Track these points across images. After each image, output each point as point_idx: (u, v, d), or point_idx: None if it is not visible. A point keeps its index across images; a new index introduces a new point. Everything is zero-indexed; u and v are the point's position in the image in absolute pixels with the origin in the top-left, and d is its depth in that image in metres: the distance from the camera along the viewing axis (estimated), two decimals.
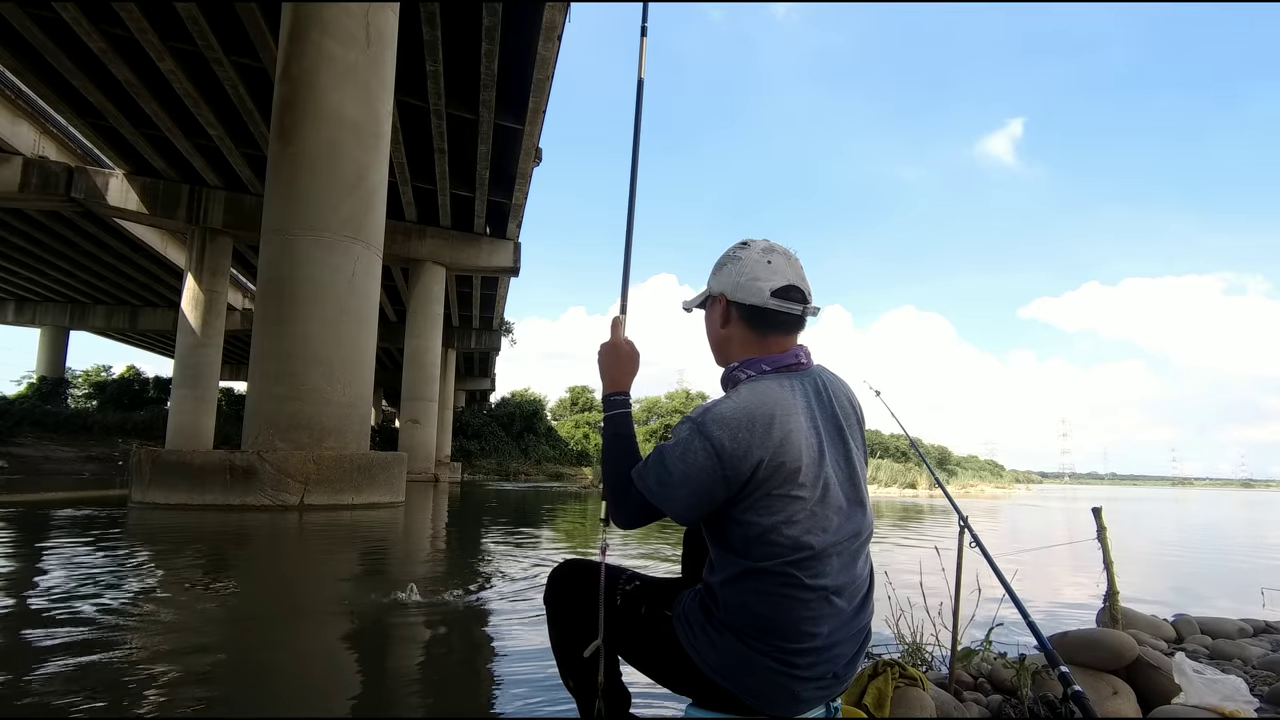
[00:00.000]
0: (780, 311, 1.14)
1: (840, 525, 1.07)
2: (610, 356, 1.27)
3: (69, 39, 11.38)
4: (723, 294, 1.18)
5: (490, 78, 11.92)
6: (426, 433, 19.03)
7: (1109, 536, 2.28)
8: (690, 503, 1.05)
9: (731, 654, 1.06)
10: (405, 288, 20.40)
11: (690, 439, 1.04)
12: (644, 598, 1.23)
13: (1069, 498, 30.55)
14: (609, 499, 1.15)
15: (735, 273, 1.16)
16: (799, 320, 1.17)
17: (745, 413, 1.03)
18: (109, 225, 18.21)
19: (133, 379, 31.51)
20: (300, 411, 7.38)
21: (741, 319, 1.17)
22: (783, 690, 1.04)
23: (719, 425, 1.02)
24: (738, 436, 1.01)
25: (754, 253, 1.17)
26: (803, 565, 1.03)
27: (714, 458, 1.01)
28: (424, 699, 1.80)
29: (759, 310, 1.14)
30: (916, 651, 2.06)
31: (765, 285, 1.13)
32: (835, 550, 1.06)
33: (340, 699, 1.77)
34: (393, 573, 3.97)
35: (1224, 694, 1.63)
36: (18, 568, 3.65)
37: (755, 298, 1.14)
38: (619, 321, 1.32)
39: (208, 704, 1.71)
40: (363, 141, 8.02)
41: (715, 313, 1.21)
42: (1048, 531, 9.62)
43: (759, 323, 1.15)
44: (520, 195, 16.57)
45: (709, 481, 1.02)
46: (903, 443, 44.69)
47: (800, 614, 1.03)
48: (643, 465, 1.11)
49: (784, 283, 1.14)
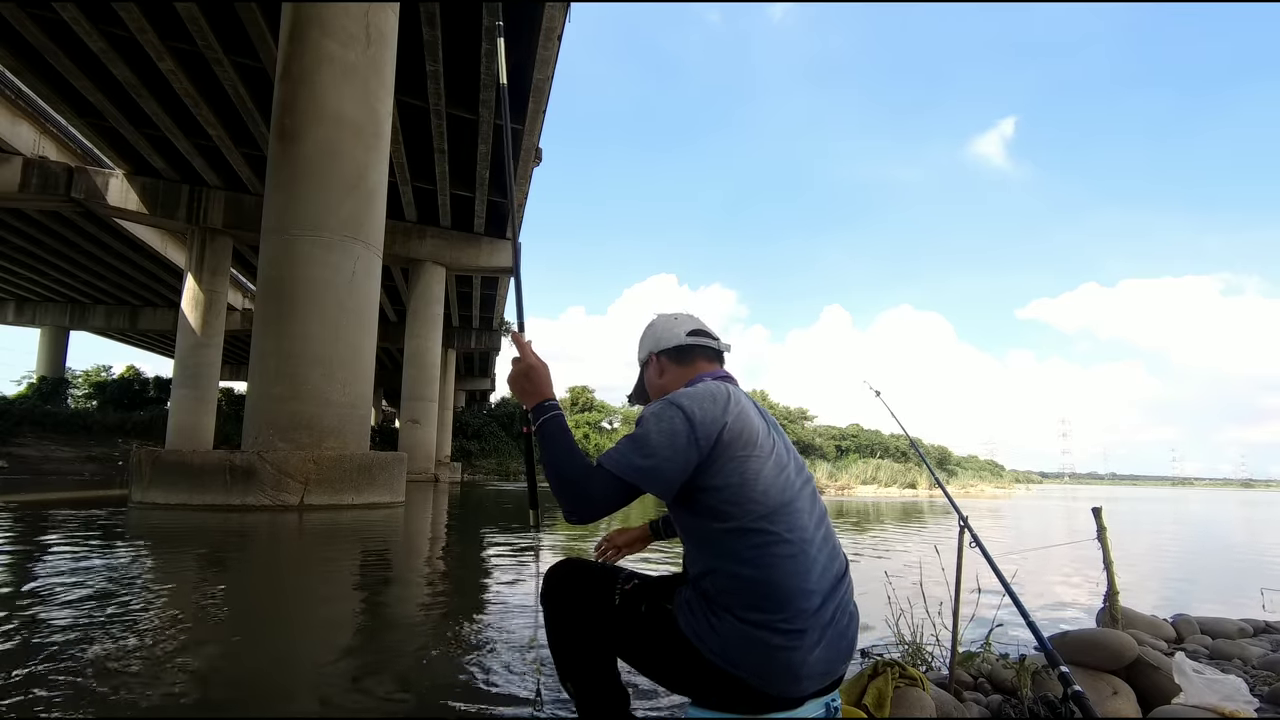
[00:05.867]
0: (697, 345, 1.43)
1: (801, 486, 1.23)
2: (526, 374, 1.33)
3: (69, 39, 11.38)
4: (651, 352, 1.46)
5: (490, 78, 11.93)
6: (426, 433, 19.03)
7: (1109, 536, 2.28)
8: (671, 468, 1.15)
9: (732, 634, 1.10)
10: (405, 288, 20.41)
11: (664, 409, 1.20)
12: (643, 596, 1.24)
13: (1069, 498, 30.55)
14: (565, 493, 1.17)
15: (654, 335, 1.47)
16: (717, 353, 1.45)
17: (706, 391, 1.24)
18: (109, 225, 18.21)
19: (133, 379, 31.49)
20: (300, 411, 7.38)
21: (670, 360, 1.43)
22: (784, 668, 1.09)
23: (687, 398, 1.22)
24: (704, 405, 1.20)
25: (661, 319, 1.49)
26: (776, 518, 1.15)
27: (687, 423, 1.17)
28: (423, 699, 1.80)
29: (681, 348, 1.43)
30: (916, 651, 2.06)
31: (679, 330, 1.44)
32: (800, 501, 1.20)
33: (338, 699, 1.77)
34: (394, 574, 3.97)
35: (1224, 694, 1.63)
36: (17, 568, 3.65)
37: (675, 340, 1.43)
38: (525, 341, 1.39)
39: (207, 704, 1.71)
40: (363, 141, 8.02)
41: (652, 371, 1.47)
42: (1048, 531, 9.62)
43: (685, 358, 1.43)
44: (520, 195, 16.58)
45: (685, 446, 1.16)
46: (903, 443, 44.70)
47: (788, 568, 1.12)
48: (614, 451, 1.18)
49: (692, 327, 1.45)
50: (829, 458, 43.23)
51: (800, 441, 46.66)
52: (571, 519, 1.17)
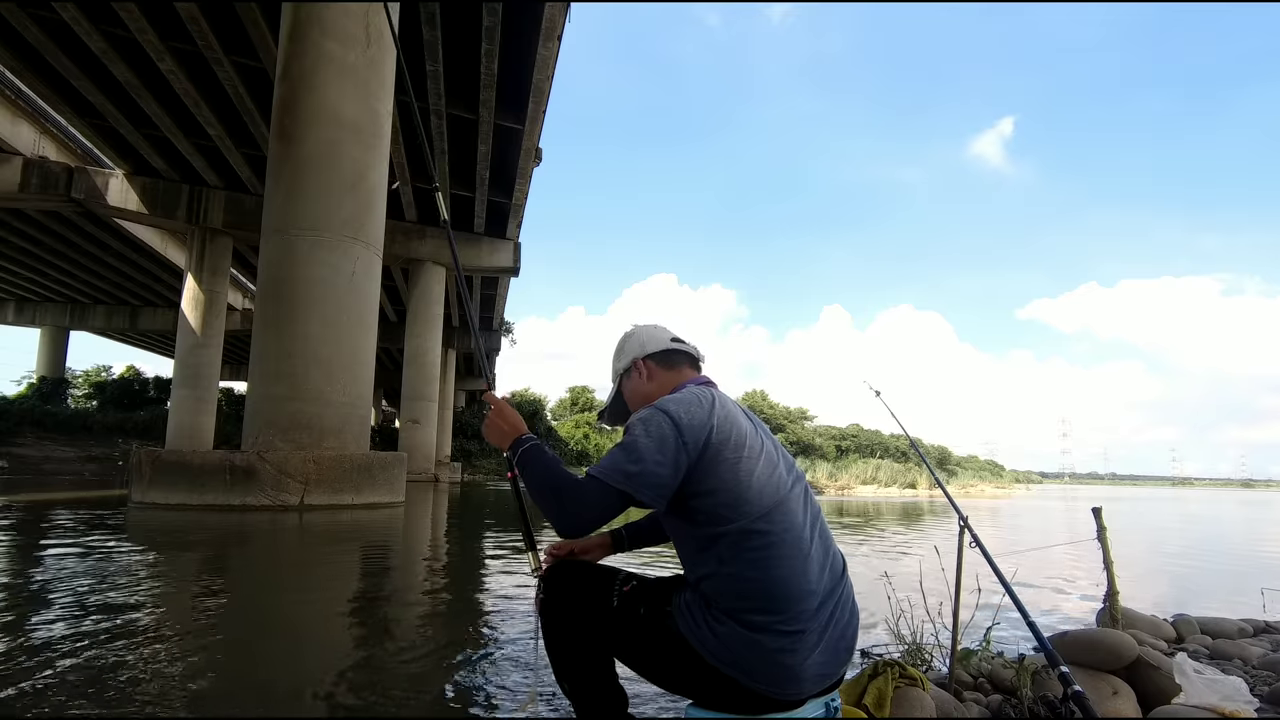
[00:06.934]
0: (681, 350, 1.46)
1: (793, 484, 1.23)
2: (500, 412, 1.37)
3: (69, 39, 11.39)
4: (634, 358, 1.46)
5: (490, 78, 11.92)
6: (426, 433, 19.02)
7: (1109, 536, 2.28)
8: (662, 473, 1.14)
9: (732, 638, 1.11)
10: (405, 288, 20.40)
11: (651, 415, 1.20)
12: (642, 598, 1.24)
13: (1069, 498, 30.55)
14: (552, 504, 1.15)
15: (639, 342, 1.48)
16: (696, 361, 1.47)
17: (692, 396, 1.25)
18: (109, 225, 18.22)
19: (133, 379, 31.48)
20: (300, 411, 7.38)
21: (657, 365, 1.45)
22: (784, 670, 1.09)
23: (674, 404, 1.22)
24: (691, 410, 1.20)
25: (642, 328, 1.51)
26: (771, 518, 1.15)
27: (674, 429, 1.17)
28: (423, 699, 1.80)
29: (667, 352, 1.45)
30: (916, 651, 2.06)
31: (663, 336, 1.47)
32: (794, 501, 1.20)
33: (339, 700, 1.77)
34: (394, 574, 3.97)
35: (1224, 694, 1.63)
36: (17, 568, 3.65)
37: (661, 345, 1.46)
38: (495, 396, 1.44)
39: (207, 704, 1.71)
40: (363, 141, 8.02)
41: (635, 379, 1.46)
42: (1048, 531, 9.62)
43: (670, 362, 1.45)
44: (520, 195, 16.57)
45: (674, 450, 1.15)
46: (903, 443, 44.70)
47: (787, 569, 1.12)
48: (603, 464, 1.16)
49: (672, 334, 1.48)
50: (829, 458, 43.22)
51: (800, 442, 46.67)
52: (564, 532, 1.15)
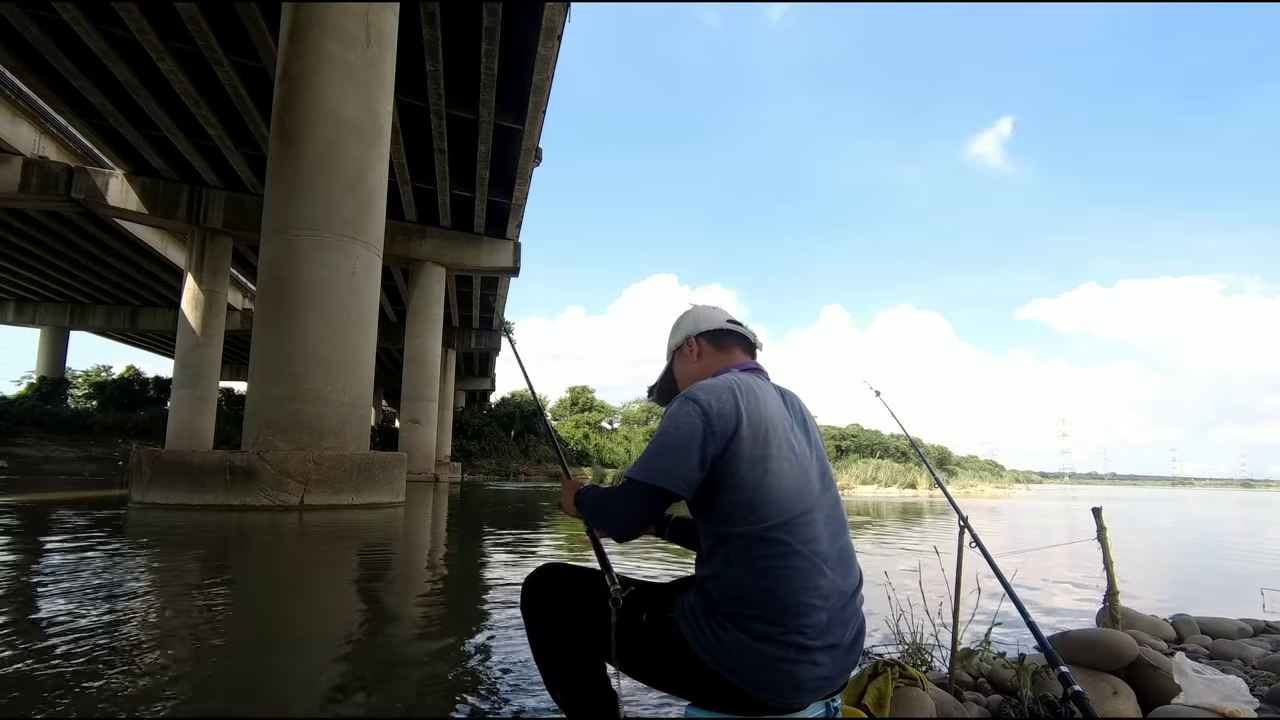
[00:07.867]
0: (736, 331, 1.44)
1: (821, 492, 1.20)
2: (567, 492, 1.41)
3: (69, 39, 11.38)
4: (688, 335, 1.45)
5: (490, 78, 11.92)
6: (426, 433, 19.02)
7: (1109, 536, 2.28)
8: (689, 464, 1.13)
9: (736, 645, 1.09)
10: (405, 288, 20.39)
11: (680, 406, 1.19)
12: (643, 604, 1.22)
13: (1069, 498, 30.55)
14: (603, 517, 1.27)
15: (694, 319, 1.47)
16: (751, 344, 1.45)
17: (724, 384, 1.22)
18: (109, 225, 18.21)
19: (133, 379, 31.52)
20: (300, 411, 7.38)
21: (709, 344, 1.43)
22: (786, 679, 1.08)
23: (703, 391, 1.20)
24: (721, 398, 1.18)
25: (699, 307, 1.50)
26: (791, 529, 1.12)
27: (703, 417, 1.15)
28: (423, 699, 1.80)
29: (721, 331, 1.44)
30: (916, 651, 2.06)
31: (719, 316, 1.46)
32: (818, 512, 1.17)
33: (339, 700, 1.77)
34: (394, 574, 3.97)
35: (1224, 694, 1.64)
36: (16, 568, 3.65)
37: (716, 324, 1.44)
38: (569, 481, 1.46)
39: (206, 704, 1.71)
40: (363, 141, 8.02)
41: (687, 356, 1.46)
42: (1048, 531, 9.62)
43: (722, 342, 1.43)
44: (520, 195, 16.57)
45: (702, 440, 1.14)
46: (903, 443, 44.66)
47: (799, 583, 1.09)
48: (636, 466, 1.18)
49: (729, 315, 1.46)
50: (829, 458, 43.20)
51: None
52: (619, 540, 1.25)
